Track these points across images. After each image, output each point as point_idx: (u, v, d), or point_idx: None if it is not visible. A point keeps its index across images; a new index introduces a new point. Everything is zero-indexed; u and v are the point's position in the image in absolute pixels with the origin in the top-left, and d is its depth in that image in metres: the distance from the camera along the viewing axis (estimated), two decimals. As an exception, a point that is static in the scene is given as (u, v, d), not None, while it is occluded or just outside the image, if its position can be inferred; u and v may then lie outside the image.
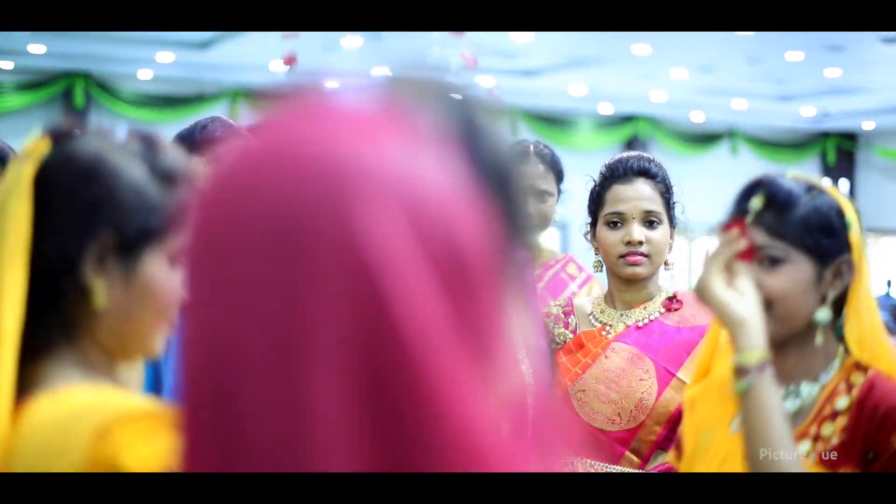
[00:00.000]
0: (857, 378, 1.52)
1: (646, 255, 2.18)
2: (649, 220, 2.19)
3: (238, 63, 10.41)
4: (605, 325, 2.24)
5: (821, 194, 1.54)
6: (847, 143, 15.29)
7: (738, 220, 1.49)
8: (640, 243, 2.17)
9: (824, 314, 1.52)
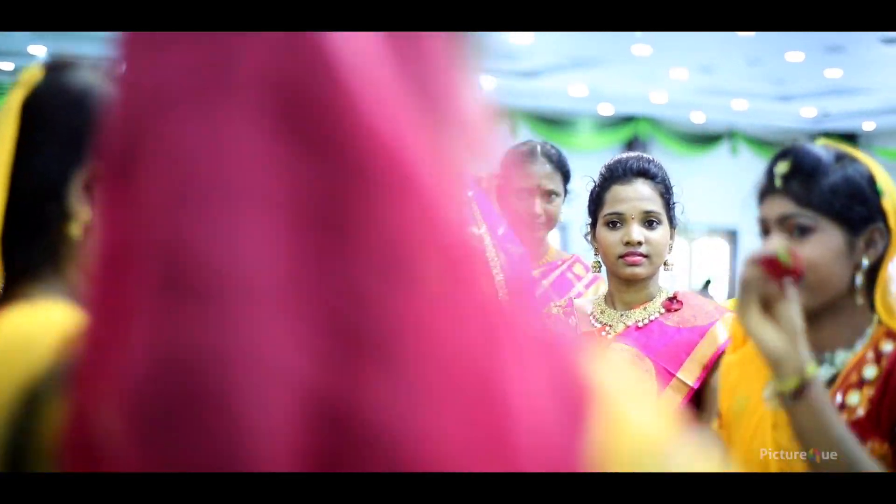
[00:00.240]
0: (887, 346, 1.50)
1: (645, 256, 2.18)
2: (649, 221, 2.19)
3: (238, 63, 10.41)
4: (605, 325, 2.24)
5: (853, 162, 1.51)
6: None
7: (768, 259, 1.43)
8: (639, 244, 2.17)
9: (860, 280, 1.50)
